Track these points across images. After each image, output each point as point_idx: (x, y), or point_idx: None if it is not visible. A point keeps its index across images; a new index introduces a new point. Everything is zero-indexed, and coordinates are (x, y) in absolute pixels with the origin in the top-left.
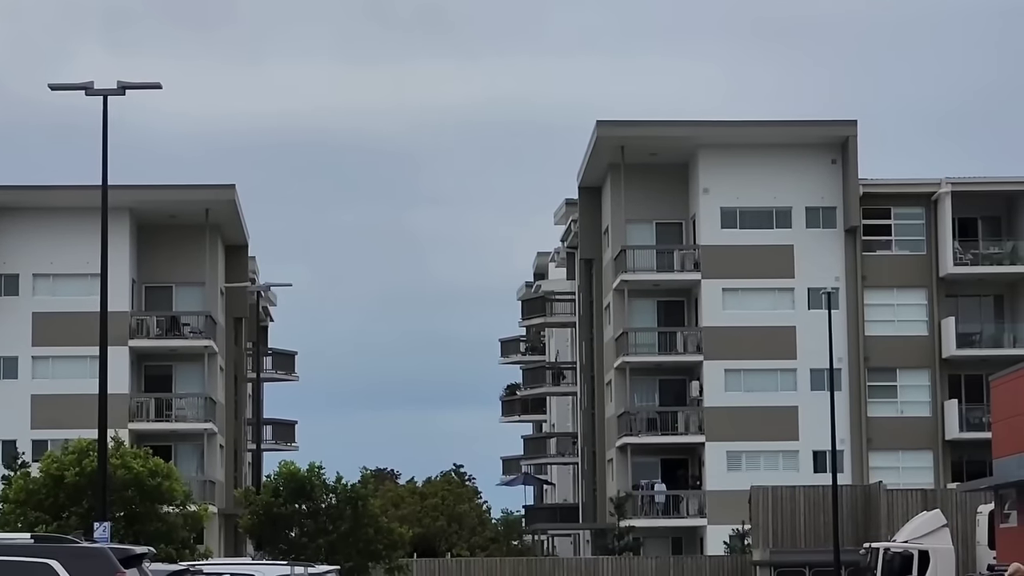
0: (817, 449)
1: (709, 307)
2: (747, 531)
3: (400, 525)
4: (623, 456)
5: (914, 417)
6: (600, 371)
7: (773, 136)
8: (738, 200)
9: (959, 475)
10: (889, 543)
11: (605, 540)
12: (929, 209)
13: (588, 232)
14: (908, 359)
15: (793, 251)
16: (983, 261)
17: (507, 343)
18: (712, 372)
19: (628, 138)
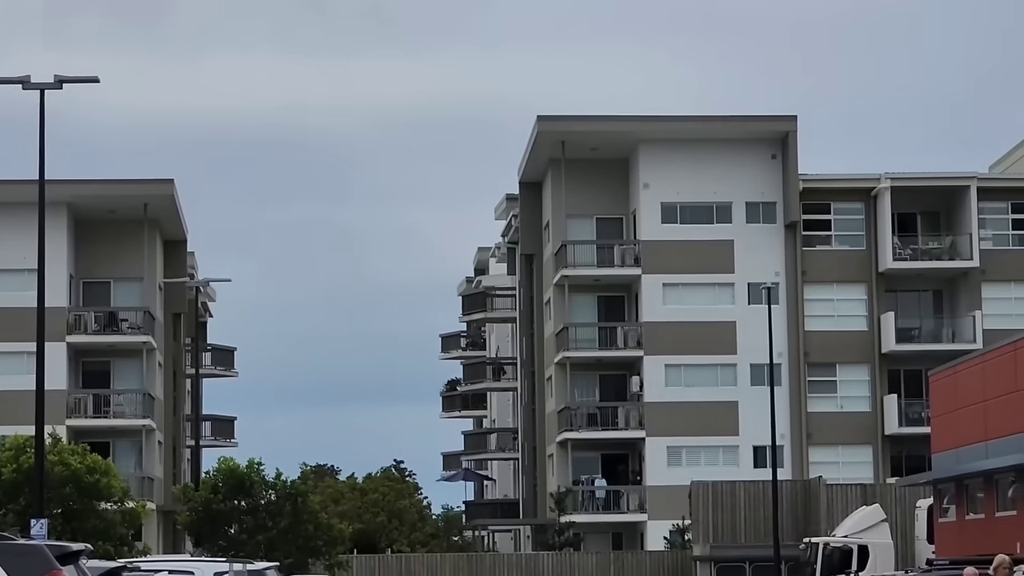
0: (757, 444)
1: (649, 302)
2: (687, 526)
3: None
4: (563, 451)
5: (854, 412)
6: (540, 366)
7: (713, 131)
8: (678, 195)
9: (898, 470)
10: (829, 538)
11: (545, 536)
12: (869, 204)
13: (528, 227)
14: (848, 354)
15: (733, 246)
16: (922, 256)
17: (447, 338)
18: (652, 367)
19: (569, 133)
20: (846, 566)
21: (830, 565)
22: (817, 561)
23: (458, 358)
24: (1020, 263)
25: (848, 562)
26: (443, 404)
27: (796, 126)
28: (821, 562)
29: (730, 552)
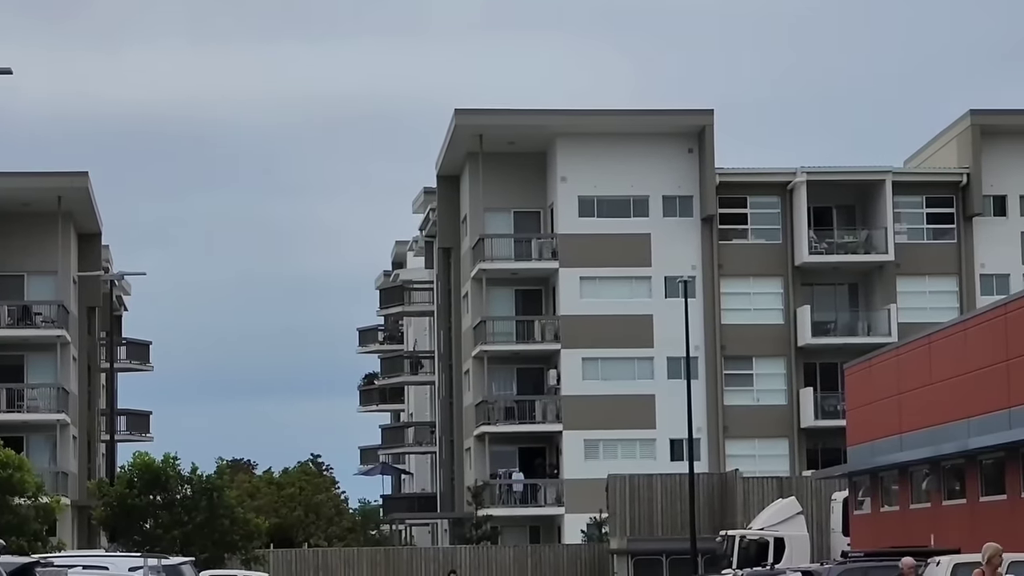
0: (674, 437)
1: (567, 296)
2: (604, 519)
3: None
4: (481, 445)
5: (770, 405)
6: (458, 360)
7: (630, 125)
8: (596, 189)
9: (814, 463)
10: (745, 530)
11: (463, 529)
12: (785, 198)
13: (446, 221)
14: (764, 347)
15: (650, 240)
16: (838, 250)
17: (365, 332)
18: (570, 361)
19: (486, 127)
20: (762, 559)
21: (746, 558)
22: (733, 554)
23: (375, 352)
24: (934, 257)
25: (764, 554)
26: (360, 398)
27: (713, 120)
28: (737, 555)
29: (647, 545)
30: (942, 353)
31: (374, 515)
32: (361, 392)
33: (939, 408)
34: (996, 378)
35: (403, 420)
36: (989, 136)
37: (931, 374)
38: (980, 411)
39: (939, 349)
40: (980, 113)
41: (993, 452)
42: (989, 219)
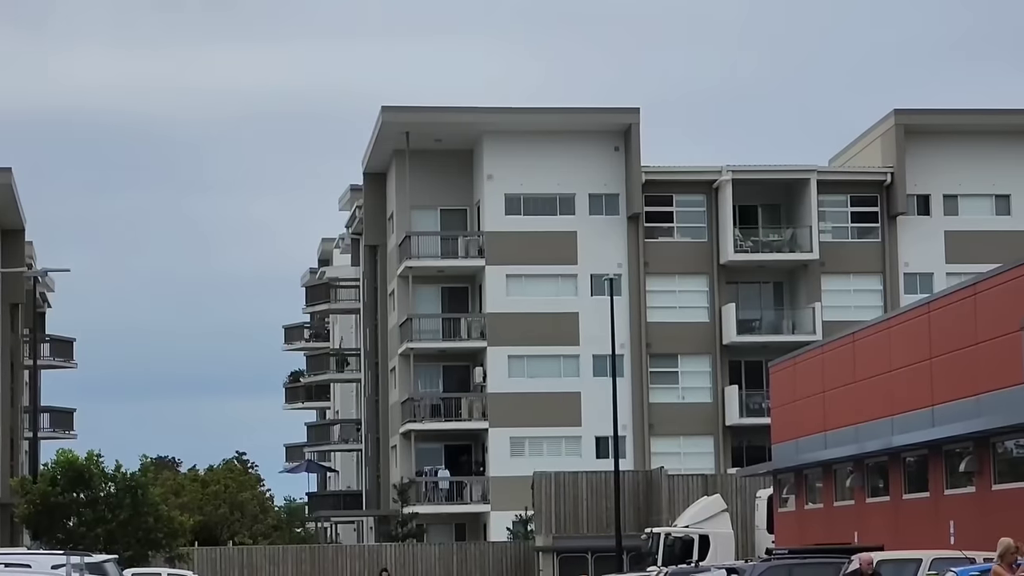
0: (599, 435)
1: (493, 293)
2: (530, 517)
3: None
4: (407, 443)
5: (695, 403)
6: (384, 358)
7: (557, 123)
8: (522, 187)
9: (739, 460)
10: (670, 528)
11: (389, 527)
12: (710, 197)
13: (372, 218)
14: (689, 345)
15: (576, 237)
16: (763, 248)
17: (291, 330)
18: (496, 358)
19: (413, 124)
20: (687, 556)
21: (671, 555)
22: (659, 551)
23: (301, 349)
24: (858, 256)
25: (689, 552)
26: (286, 395)
27: (639, 118)
28: (662, 552)
29: (572, 543)
30: (866, 351)
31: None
32: (287, 390)
33: (863, 406)
34: (920, 376)
35: (329, 418)
36: (913, 135)
37: (855, 372)
38: (904, 409)
39: (863, 347)
40: (904, 112)
41: (916, 450)
42: (913, 218)
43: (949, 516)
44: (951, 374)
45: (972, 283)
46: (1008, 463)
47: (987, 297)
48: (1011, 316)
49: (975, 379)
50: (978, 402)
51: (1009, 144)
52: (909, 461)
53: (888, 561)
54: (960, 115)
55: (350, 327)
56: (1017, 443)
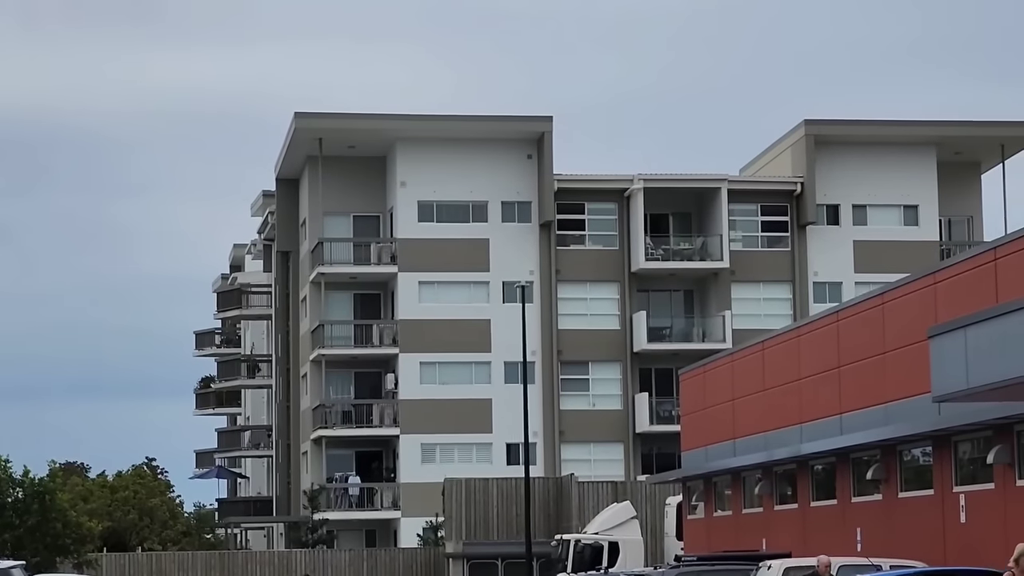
0: (510, 441)
1: (405, 300)
2: (440, 523)
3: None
4: (318, 449)
5: (605, 410)
6: (296, 363)
7: (470, 131)
8: (435, 194)
9: (649, 467)
10: (580, 534)
11: (299, 533)
12: (622, 205)
13: (285, 224)
14: (600, 352)
15: (489, 245)
16: (674, 257)
17: (202, 335)
18: (407, 365)
19: (326, 130)
20: (597, 562)
21: (581, 561)
22: (568, 557)
23: (212, 355)
24: (768, 264)
25: (599, 558)
26: (196, 401)
27: (552, 127)
28: (572, 558)
29: (483, 549)
30: (775, 360)
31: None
32: (197, 395)
33: (772, 414)
34: (828, 384)
35: (239, 423)
36: (823, 146)
37: (764, 380)
38: (812, 417)
39: (772, 355)
40: (814, 123)
41: (824, 458)
42: (822, 227)
43: (856, 523)
44: (859, 383)
45: (880, 293)
46: (914, 471)
47: (895, 307)
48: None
49: (883, 388)
50: (886, 411)
51: (917, 155)
52: (817, 469)
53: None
54: (870, 126)
55: (262, 333)
56: (923, 451)
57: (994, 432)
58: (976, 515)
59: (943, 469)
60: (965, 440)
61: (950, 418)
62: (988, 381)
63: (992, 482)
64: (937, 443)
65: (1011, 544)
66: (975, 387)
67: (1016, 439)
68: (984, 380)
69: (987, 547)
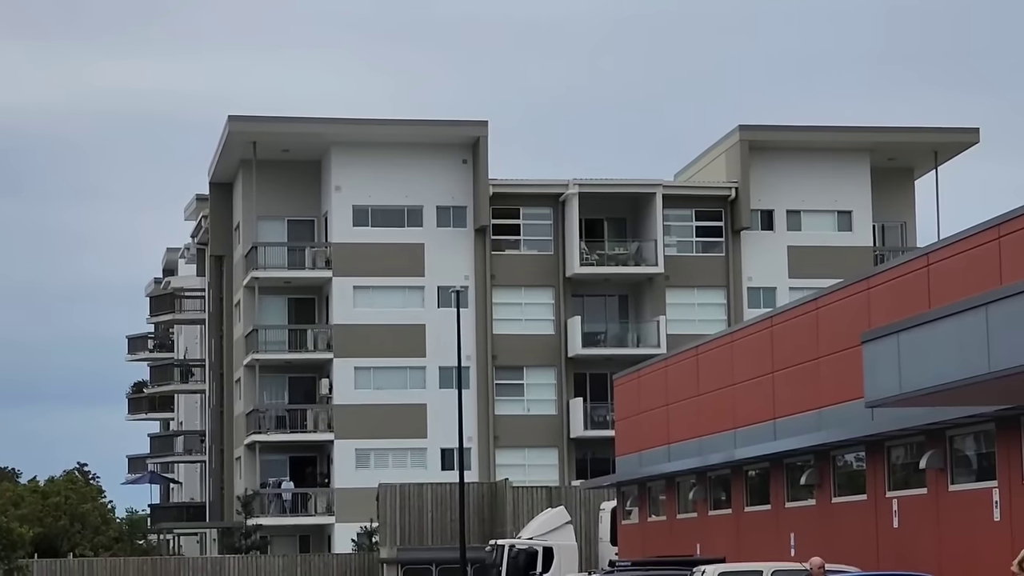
0: (445, 446)
1: (340, 305)
2: (375, 529)
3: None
4: (251, 454)
5: (540, 415)
6: (230, 368)
7: (406, 135)
8: (370, 198)
9: (583, 472)
10: (515, 540)
11: (232, 539)
12: (557, 210)
13: (219, 228)
14: (535, 357)
15: (424, 249)
16: (608, 262)
17: (135, 340)
18: (342, 370)
19: (260, 134)
20: (531, 568)
21: (515, 566)
22: (503, 563)
23: (145, 360)
24: (703, 269)
25: (533, 564)
26: (129, 406)
27: (487, 132)
28: (507, 564)
29: (417, 554)
30: (709, 365)
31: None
32: (130, 400)
33: (706, 419)
34: (762, 390)
35: (172, 429)
36: (757, 151)
37: (699, 385)
38: (746, 422)
39: (706, 361)
40: (748, 129)
41: (758, 463)
42: (757, 233)
43: (790, 528)
44: (793, 388)
45: (814, 298)
46: (847, 476)
47: (829, 312)
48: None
49: (816, 393)
50: (819, 416)
51: (851, 162)
52: (751, 474)
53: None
54: (804, 132)
55: (195, 338)
56: (857, 456)
57: (926, 437)
58: (909, 520)
59: (876, 474)
60: (898, 445)
61: (883, 423)
62: (921, 386)
63: (925, 487)
64: (870, 448)
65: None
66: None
67: (948, 444)
68: (917, 385)
69: (919, 552)
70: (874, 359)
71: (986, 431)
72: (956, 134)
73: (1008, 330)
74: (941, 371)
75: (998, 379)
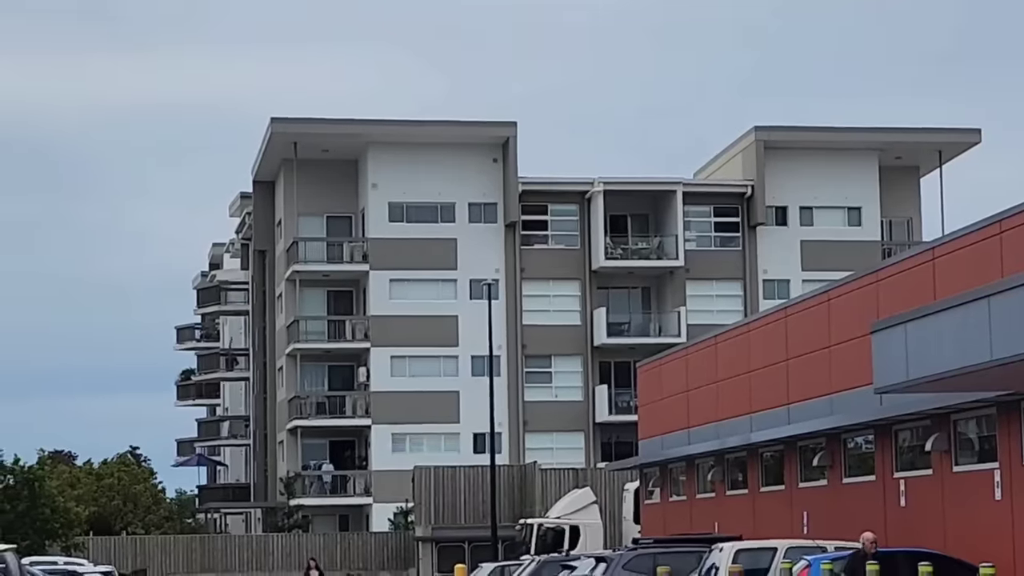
0: (477, 431)
1: (377, 297)
2: (410, 509)
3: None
4: (293, 438)
5: (567, 401)
6: (272, 357)
7: (439, 135)
8: (405, 195)
9: (608, 455)
10: (543, 519)
11: (275, 518)
12: (583, 206)
13: (261, 224)
14: (562, 347)
15: (456, 244)
16: (632, 255)
17: (183, 330)
18: (379, 358)
19: (301, 135)
20: (558, 545)
21: (544, 544)
22: (531, 541)
23: (193, 349)
24: (721, 263)
25: (560, 541)
26: (178, 393)
27: (516, 132)
28: (535, 542)
29: (450, 533)
30: (727, 353)
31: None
32: (178, 387)
33: (724, 405)
34: (776, 377)
35: (219, 414)
36: (772, 151)
37: (717, 373)
38: (762, 407)
39: (724, 349)
40: (764, 129)
41: (773, 446)
42: (771, 228)
43: (803, 507)
44: (806, 375)
45: (826, 290)
46: (857, 458)
47: (840, 303)
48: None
49: (828, 380)
50: (830, 401)
51: (860, 160)
52: (766, 456)
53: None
54: (816, 132)
55: (239, 328)
56: (866, 440)
57: (932, 421)
58: (915, 499)
59: (884, 456)
60: (905, 429)
61: (891, 408)
62: (927, 374)
63: (930, 469)
64: (879, 432)
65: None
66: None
67: (952, 428)
68: (923, 373)
69: (925, 530)
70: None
71: (988, 415)
72: (959, 134)
73: (1009, 320)
74: (946, 359)
75: (999, 366)
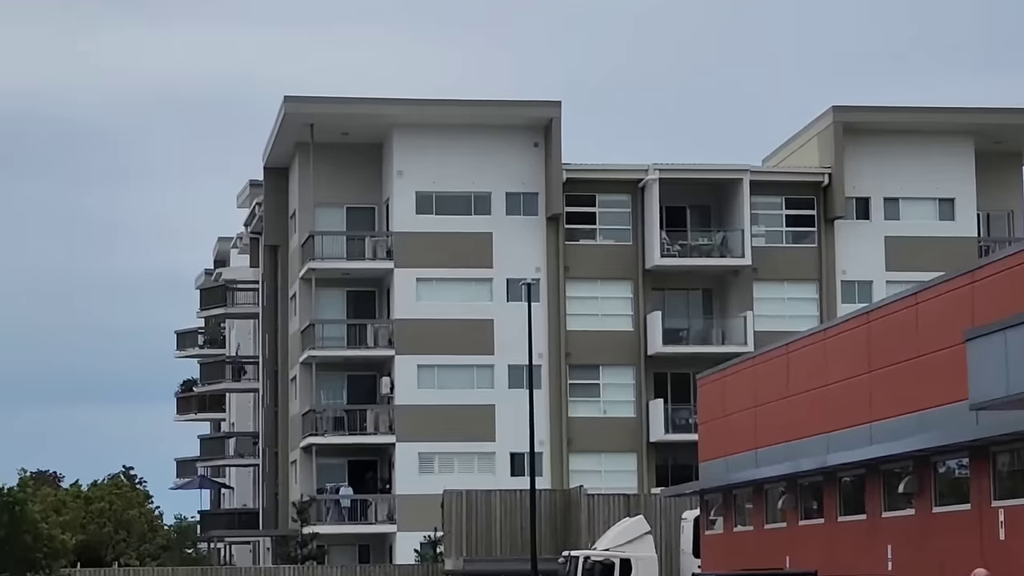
0: (515, 451)
1: (402, 298)
2: (439, 538)
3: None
4: (308, 457)
5: (617, 417)
6: (284, 366)
7: (472, 117)
8: (434, 184)
9: (664, 479)
10: (589, 551)
11: (287, 548)
12: (636, 197)
13: (273, 216)
14: (612, 355)
15: (492, 239)
16: (691, 253)
17: (184, 335)
18: (404, 367)
19: (317, 116)
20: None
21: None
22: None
23: (195, 356)
24: (793, 261)
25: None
26: (178, 406)
27: (560, 112)
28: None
29: (485, 566)
30: (800, 364)
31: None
32: (179, 399)
33: (797, 422)
34: (857, 391)
35: (224, 430)
36: (852, 135)
37: (788, 386)
38: (840, 426)
39: (797, 359)
40: (843, 110)
41: (852, 469)
42: (851, 222)
43: (886, 540)
44: (891, 389)
45: (914, 292)
46: (949, 484)
47: (930, 307)
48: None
49: (916, 394)
50: (919, 419)
51: (954, 145)
52: (845, 481)
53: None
54: (902, 113)
55: (248, 333)
56: (960, 463)
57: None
58: (1016, 532)
59: (981, 482)
60: (1004, 451)
61: (989, 427)
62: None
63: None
64: (974, 454)
65: None
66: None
67: None
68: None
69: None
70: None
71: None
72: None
73: None
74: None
75: None
